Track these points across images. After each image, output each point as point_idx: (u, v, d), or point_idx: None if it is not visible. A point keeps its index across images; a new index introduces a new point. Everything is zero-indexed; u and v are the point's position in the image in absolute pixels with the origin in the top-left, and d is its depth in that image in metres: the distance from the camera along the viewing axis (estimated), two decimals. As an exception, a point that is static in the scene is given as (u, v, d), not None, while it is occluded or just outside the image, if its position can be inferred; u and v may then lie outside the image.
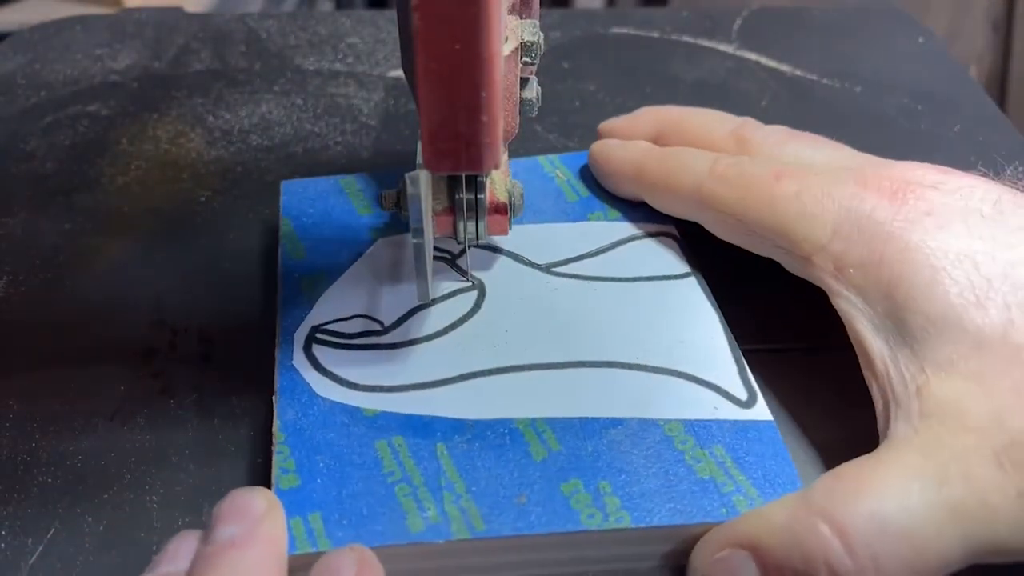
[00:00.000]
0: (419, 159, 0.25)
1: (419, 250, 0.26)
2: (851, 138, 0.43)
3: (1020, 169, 0.41)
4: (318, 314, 0.31)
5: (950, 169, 0.29)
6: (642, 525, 0.24)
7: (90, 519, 0.27)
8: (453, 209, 0.30)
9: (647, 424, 0.27)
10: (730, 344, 0.30)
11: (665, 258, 0.33)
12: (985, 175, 0.29)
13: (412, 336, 0.30)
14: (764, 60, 0.49)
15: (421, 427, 0.27)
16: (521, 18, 0.28)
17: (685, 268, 0.32)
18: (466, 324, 0.30)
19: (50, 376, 0.31)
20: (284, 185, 0.37)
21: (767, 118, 0.44)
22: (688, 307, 0.31)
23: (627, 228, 0.34)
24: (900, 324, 0.25)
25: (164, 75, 0.48)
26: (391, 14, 0.53)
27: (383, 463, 0.26)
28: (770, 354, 0.32)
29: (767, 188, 0.29)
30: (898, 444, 0.24)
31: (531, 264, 0.33)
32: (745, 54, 0.50)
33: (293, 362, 0.29)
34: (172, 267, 0.36)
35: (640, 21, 0.53)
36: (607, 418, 0.27)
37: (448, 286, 0.32)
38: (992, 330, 0.24)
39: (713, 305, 0.31)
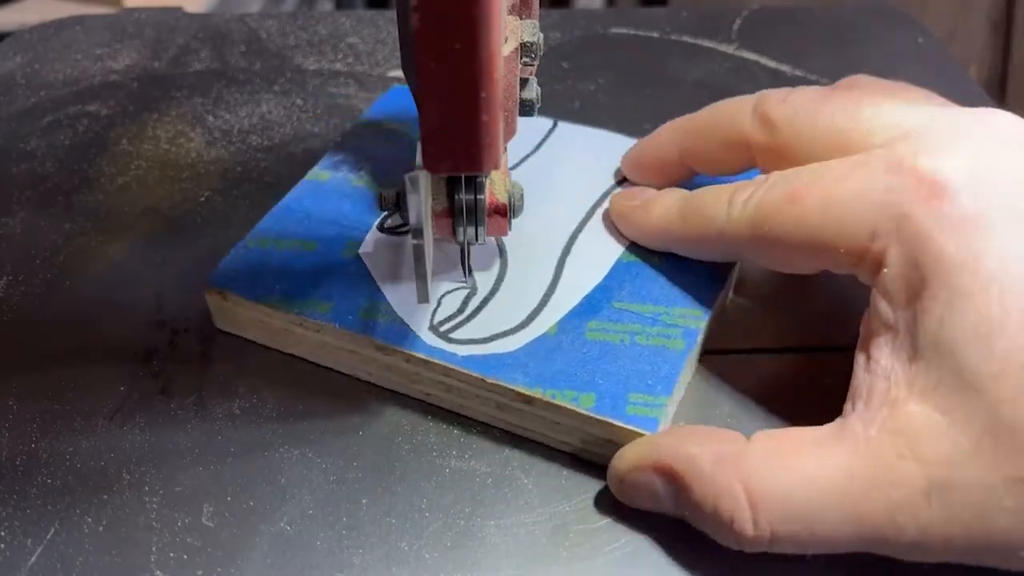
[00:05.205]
0: (418, 159, 0.25)
1: (419, 251, 0.26)
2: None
3: None
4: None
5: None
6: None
7: (90, 519, 0.27)
8: (452, 210, 0.30)
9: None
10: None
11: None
12: None
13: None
14: (764, 60, 0.49)
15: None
16: (521, 18, 0.28)
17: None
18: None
19: (50, 376, 0.31)
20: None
21: (767, 118, 0.45)
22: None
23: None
24: (911, 337, 0.24)
25: (164, 75, 0.48)
26: (391, 14, 0.53)
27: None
28: (770, 354, 0.32)
29: (787, 212, 0.26)
30: (845, 440, 0.24)
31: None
32: (745, 54, 0.50)
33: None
34: (172, 267, 0.36)
35: (640, 21, 0.53)
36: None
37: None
38: (989, 370, 0.22)
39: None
